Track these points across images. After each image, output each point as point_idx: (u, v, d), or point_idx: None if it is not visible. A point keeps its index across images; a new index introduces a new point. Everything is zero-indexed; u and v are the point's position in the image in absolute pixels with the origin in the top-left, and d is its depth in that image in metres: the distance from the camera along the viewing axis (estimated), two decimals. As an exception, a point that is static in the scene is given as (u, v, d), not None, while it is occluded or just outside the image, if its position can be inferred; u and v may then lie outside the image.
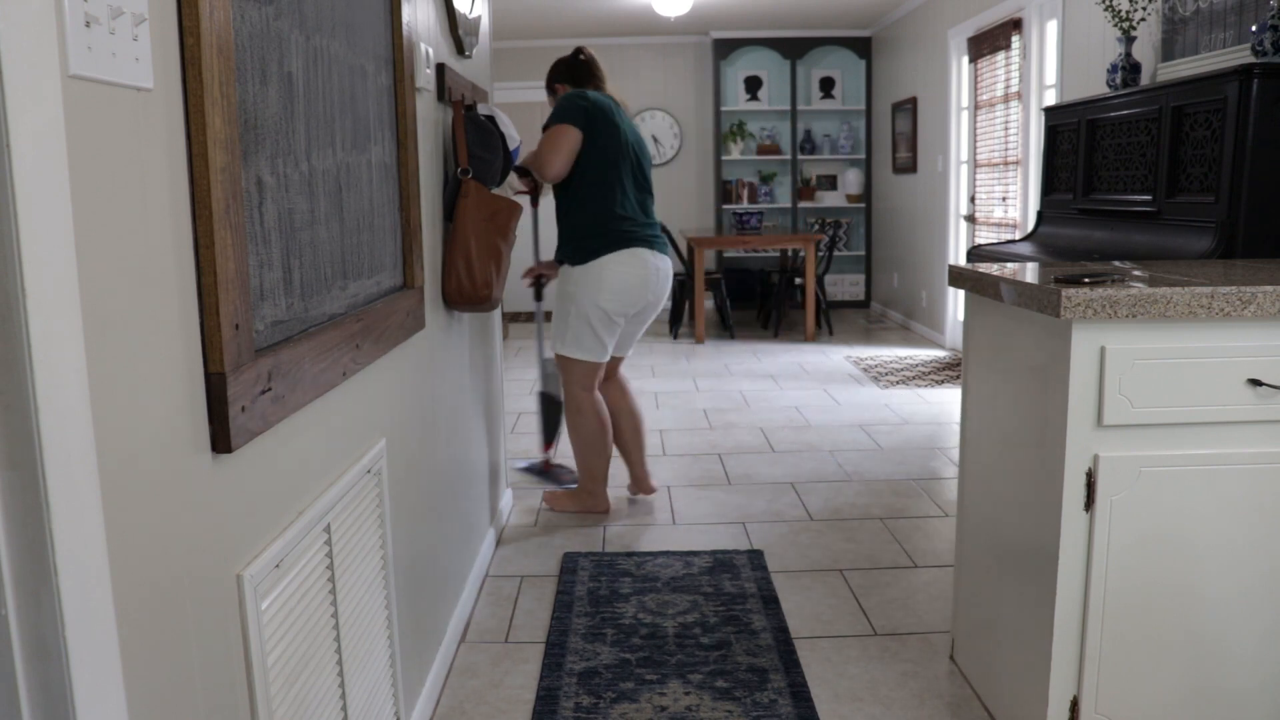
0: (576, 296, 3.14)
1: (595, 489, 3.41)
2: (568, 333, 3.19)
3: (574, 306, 3.15)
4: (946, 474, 3.85)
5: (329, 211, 1.47)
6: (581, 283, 3.13)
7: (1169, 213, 3.23)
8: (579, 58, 3.28)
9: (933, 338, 7.07)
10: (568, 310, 3.17)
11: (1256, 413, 1.67)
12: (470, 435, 2.76)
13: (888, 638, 2.48)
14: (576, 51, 3.29)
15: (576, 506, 3.44)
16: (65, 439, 0.79)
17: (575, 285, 3.14)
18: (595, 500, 3.43)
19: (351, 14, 1.61)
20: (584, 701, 2.17)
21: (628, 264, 3.11)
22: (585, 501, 3.44)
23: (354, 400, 1.60)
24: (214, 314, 1.05)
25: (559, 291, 3.22)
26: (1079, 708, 1.76)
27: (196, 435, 1.04)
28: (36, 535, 0.77)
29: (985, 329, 2.07)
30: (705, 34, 8.73)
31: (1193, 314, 1.63)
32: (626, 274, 3.11)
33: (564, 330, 3.20)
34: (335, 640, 1.44)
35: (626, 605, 2.67)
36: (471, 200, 2.42)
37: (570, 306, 3.16)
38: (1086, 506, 1.70)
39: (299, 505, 1.33)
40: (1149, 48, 4.03)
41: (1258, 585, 1.73)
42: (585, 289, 3.12)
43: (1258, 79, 2.81)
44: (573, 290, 3.15)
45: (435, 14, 2.41)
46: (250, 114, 1.17)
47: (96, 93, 0.86)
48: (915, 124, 7.39)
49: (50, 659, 0.79)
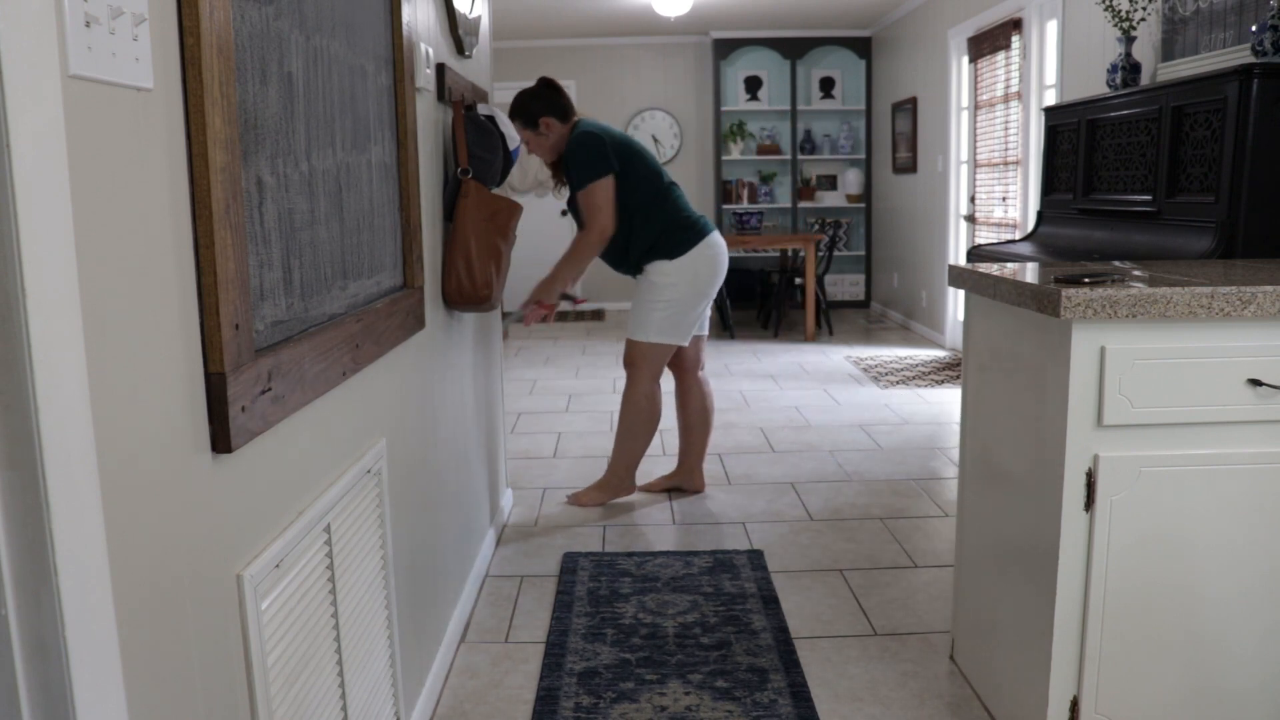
0: (675, 286, 3.33)
1: (626, 476, 3.54)
2: (652, 322, 3.36)
3: (668, 294, 3.33)
4: (946, 474, 3.85)
5: (329, 211, 1.47)
6: (679, 272, 3.33)
7: (1169, 213, 3.23)
8: (552, 87, 3.32)
9: (933, 338, 7.07)
10: (656, 300, 3.34)
11: (1256, 413, 1.67)
12: (470, 435, 2.76)
13: (888, 638, 2.48)
14: (546, 83, 3.33)
15: (606, 497, 3.55)
16: (65, 439, 0.79)
17: (672, 276, 3.33)
18: (623, 487, 3.56)
19: (351, 14, 1.61)
20: (584, 701, 2.17)
21: (713, 248, 3.38)
22: (615, 490, 3.55)
23: (354, 400, 1.60)
24: (214, 314, 1.05)
25: (645, 285, 3.38)
26: (1079, 708, 1.76)
27: (196, 435, 1.04)
28: (36, 535, 0.77)
29: (985, 329, 2.07)
30: (705, 34, 8.73)
31: (1193, 314, 1.63)
32: (714, 257, 3.38)
33: (647, 320, 3.37)
34: (335, 640, 1.44)
35: (626, 605, 2.67)
36: (471, 200, 2.42)
37: (661, 296, 3.33)
38: (1086, 506, 1.70)
39: (299, 505, 1.33)
40: (1149, 48, 4.03)
41: (1258, 585, 1.72)
42: (684, 276, 3.33)
43: (1258, 79, 2.81)
44: (669, 280, 3.33)
45: (435, 14, 2.41)
46: (250, 114, 1.17)
47: (96, 93, 0.86)
48: (915, 124, 7.39)
49: (50, 659, 0.79)
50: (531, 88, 3.33)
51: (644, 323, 3.38)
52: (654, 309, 3.36)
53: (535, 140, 3.32)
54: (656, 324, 3.37)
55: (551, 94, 3.31)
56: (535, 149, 3.37)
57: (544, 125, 3.29)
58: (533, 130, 3.30)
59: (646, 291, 3.38)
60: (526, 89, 3.33)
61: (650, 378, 3.43)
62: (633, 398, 3.44)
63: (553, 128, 3.29)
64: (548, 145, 3.34)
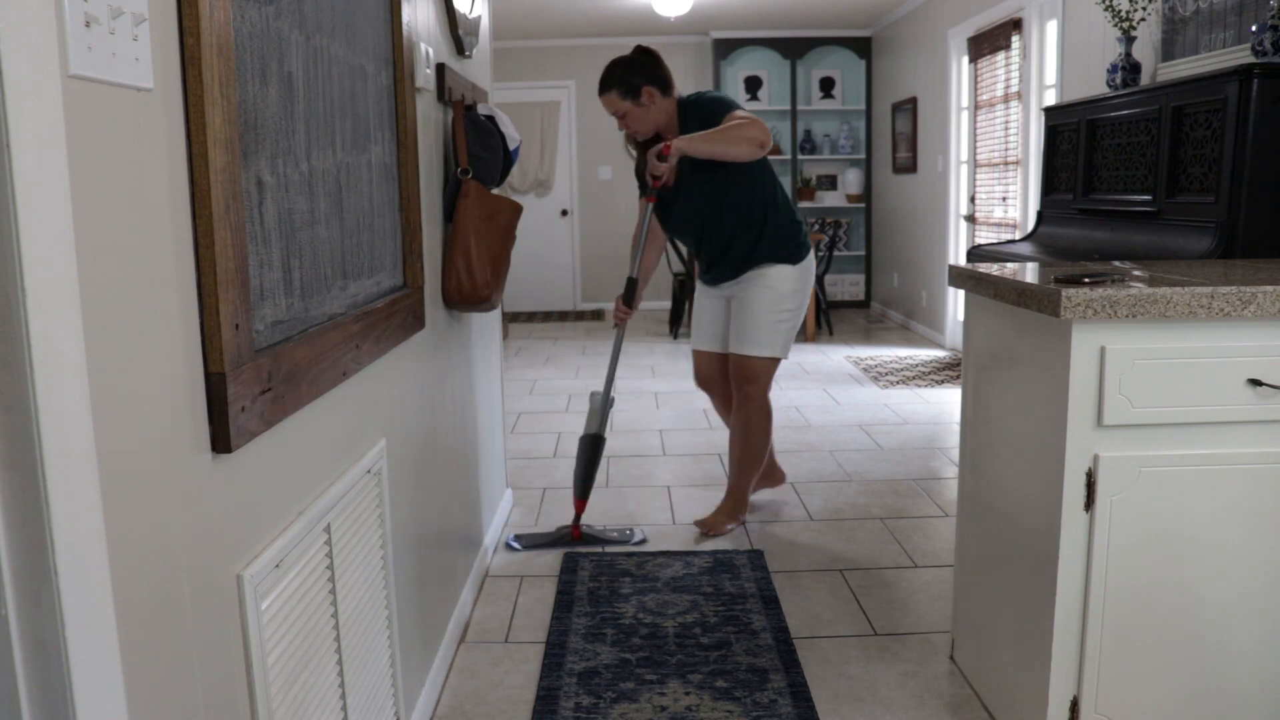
0: (797, 294, 3.09)
1: (748, 494, 3.31)
2: (779, 334, 3.09)
3: (791, 304, 3.08)
4: (946, 474, 3.85)
5: (329, 211, 1.47)
6: (801, 279, 3.09)
7: (1169, 213, 3.23)
8: (651, 55, 3.04)
9: (933, 338, 7.07)
10: (781, 310, 3.07)
11: (1256, 413, 1.67)
12: (470, 435, 2.76)
13: (888, 638, 2.48)
14: (645, 51, 3.05)
15: (737, 520, 3.28)
16: (65, 439, 0.79)
17: (794, 283, 3.08)
18: (747, 505, 3.33)
19: (351, 14, 1.61)
20: (584, 701, 2.17)
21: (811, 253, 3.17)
22: (743, 510, 3.30)
23: (354, 400, 1.60)
24: (214, 314, 1.05)
25: (768, 292, 3.06)
26: (1079, 708, 1.76)
27: (196, 435, 1.04)
28: (36, 535, 0.77)
29: (985, 329, 2.07)
30: (705, 34, 8.73)
31: (1193, 314, 1.63)
32: (813, 265, 3.17)
33: (772, 332, 3.08)
34: (335, 640, 1.44)
35: (626, 605, 2.67)
36: (471, 200, 2.42)
37: (784, 305, 3.07)
38: (1086, 506, 1.70)
39: (299, 505, 1.33)
40: (1149, 48, 4.03)
41: (1258, 585, 1.72)
42: (804, 284, 3.10)
43: (1258, 79, 2.81)
44: (793, 288, 3.08)
45: (435, 14, 2.41)
46: (250, 114, 1.17)
47: (96, 93, 0.86)
48: (915, 124, 7.39)
49: (50, 658, 0.79)
50: (627, 56, 3.04)
51: (769, 336, 3.07)
52: (780, 319, 3.07)
53: (635, 113, 3.01)
54: (784, 336, 3.09)
55: (652, 63, 3.03)
56: (632, 123, 3.04)
57: (646, 95, 2.98)
58: (633, 101, 2.99)
59: (768, 300, 3.06)
60: (621, 58, 3.04)
61: (767, 391, 3.18)
62: (753, 416, 3.17)
63: (655, 99, 3.00)
64: (648, 119, 3.03)
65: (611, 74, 3.02)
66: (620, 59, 3.04)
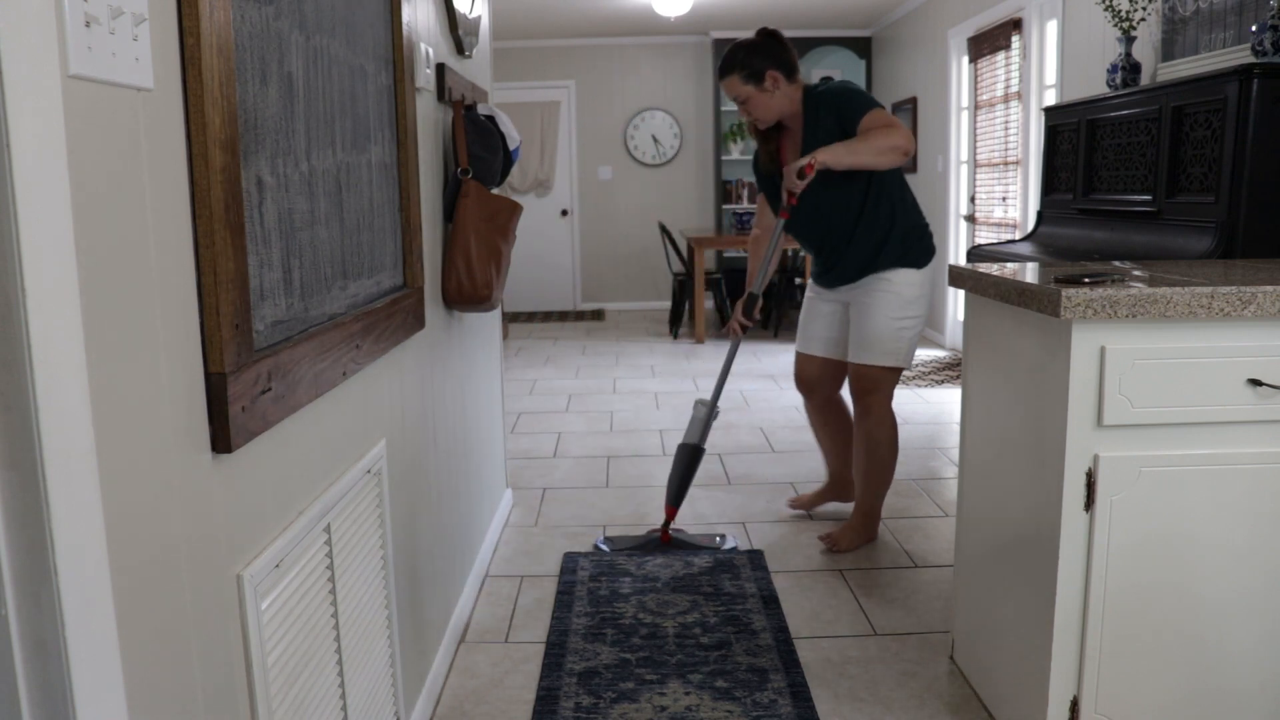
0: (921, 300, 2.93)
1: (878, 509, 3.14)
2: (903, 343, 2.92)
3: (915, 310, 2.92)
4: (946, 474, 3.85)
5: (329, 211, 1.47)
6: (925, 285, 2.94)
7: (1169, 213, 3.23)
8: (775, 38, 2.89)
9: (933, 338, 7.07)
10: (905, 317, 2.90)
11: (1256, 413, 1.67)
12: (470, 435, 2.76)
13: (888, 638, 2.48)
14: (769, 33, 2.89)
15: (865, 538, 3.11)
16: (65, 439, 0.79)
17: (918, 288, 2.92)
18: (878, 521, 3.16)
19: (351, 14, 1.61)
20: (584, 701, 2.17)
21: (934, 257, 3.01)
22: (874, 528, 3.13)
23: (354, 400, 1.60)
24: (214, 314, 1.05)
25: (892, 298, 2.89)
26: (1079, 708, 1.76)
27: (196, 435, 1.04)
28: (36, 535, 0.77)
29: (985, 329, 2.07)
30: (705, 34, 8.73)
31: (1193, 314, 1.63)
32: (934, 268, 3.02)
33: (896, 340, 2.91)
34: (335, 640, 1.44)
35: (626, 605, 2.67)
36: (471, 200, 2.42)
37: (908, 312, 2.91)
38: (1086, 506, 1.70)
39: (299, 505, 1.33)
40: (1149, 48, 4.03)
41: (1258, 586, 1.72)
42: (927, 290, 2.95)
43: (1258, 79, 2.81)
44: (918, 294, 2.92)
45: (435, 14, 2.41)
46: (250, 114, 1.17)
47: (96, 93, 0.86)
48: (915, 124, 7.39)
49: (50, 658, 0.79)
50: (750, 40, 2.88)
51: (892, 345, 2.91)
52: (904, 327, 2.90)
53: (757, 99, 2.86)
54: (907, 344, 2.92)
55: (777, 46, 2.87)
56: (754, 109, 2.89)
57: (770, 80, 2.83)
58: (756, 86, 2.84)
59: (891, 307, 2.89)
60: (744, 41, 2.88)
61: (889, 402, 3.00)
62: (875, 429, 3.00)
63: (780, 84, 2.85)
64: (771, 106, 2.88)
65: (734, 57, 2.87)
66: (743, 41, 2.89)
